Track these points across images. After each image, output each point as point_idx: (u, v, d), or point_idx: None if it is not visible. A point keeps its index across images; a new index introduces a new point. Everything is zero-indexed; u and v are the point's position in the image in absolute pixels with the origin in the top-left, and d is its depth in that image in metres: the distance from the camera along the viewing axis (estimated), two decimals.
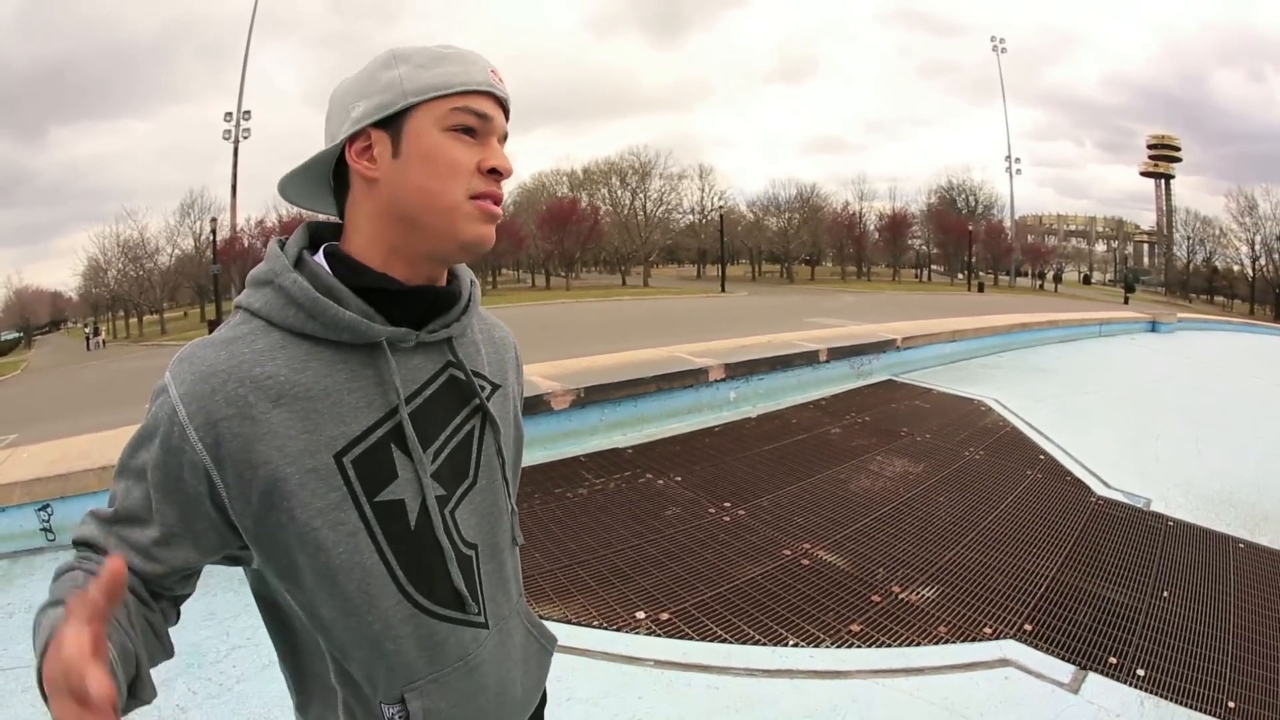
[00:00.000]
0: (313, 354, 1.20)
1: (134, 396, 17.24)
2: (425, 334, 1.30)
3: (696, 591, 4.89)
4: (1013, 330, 15.15)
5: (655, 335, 19.55)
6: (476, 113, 1.24)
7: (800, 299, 50.71)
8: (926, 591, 4.89)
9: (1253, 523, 6.21)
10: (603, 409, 8.43)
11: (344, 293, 1.22)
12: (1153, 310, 22.20)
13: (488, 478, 1.42)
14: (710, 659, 4.15)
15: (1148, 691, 3.84)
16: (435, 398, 1.33)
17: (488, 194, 1.26)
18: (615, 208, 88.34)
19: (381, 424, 1.24)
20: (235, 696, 3.77)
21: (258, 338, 1.19)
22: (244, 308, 1.24)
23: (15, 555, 5.54)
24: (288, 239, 1.32)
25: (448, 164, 1.23)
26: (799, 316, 30.07)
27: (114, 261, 73.19)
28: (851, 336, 12.50)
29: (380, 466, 1.23)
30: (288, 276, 1.21)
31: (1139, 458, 7.89)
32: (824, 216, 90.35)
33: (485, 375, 1.46)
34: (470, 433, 1.39)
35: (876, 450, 7.95)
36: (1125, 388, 11.92)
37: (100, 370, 36.43)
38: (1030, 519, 6.12)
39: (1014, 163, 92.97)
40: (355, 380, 1.23)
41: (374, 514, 1.23)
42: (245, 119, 73.14)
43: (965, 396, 10.55)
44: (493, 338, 1.54)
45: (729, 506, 6.32)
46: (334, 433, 1.19)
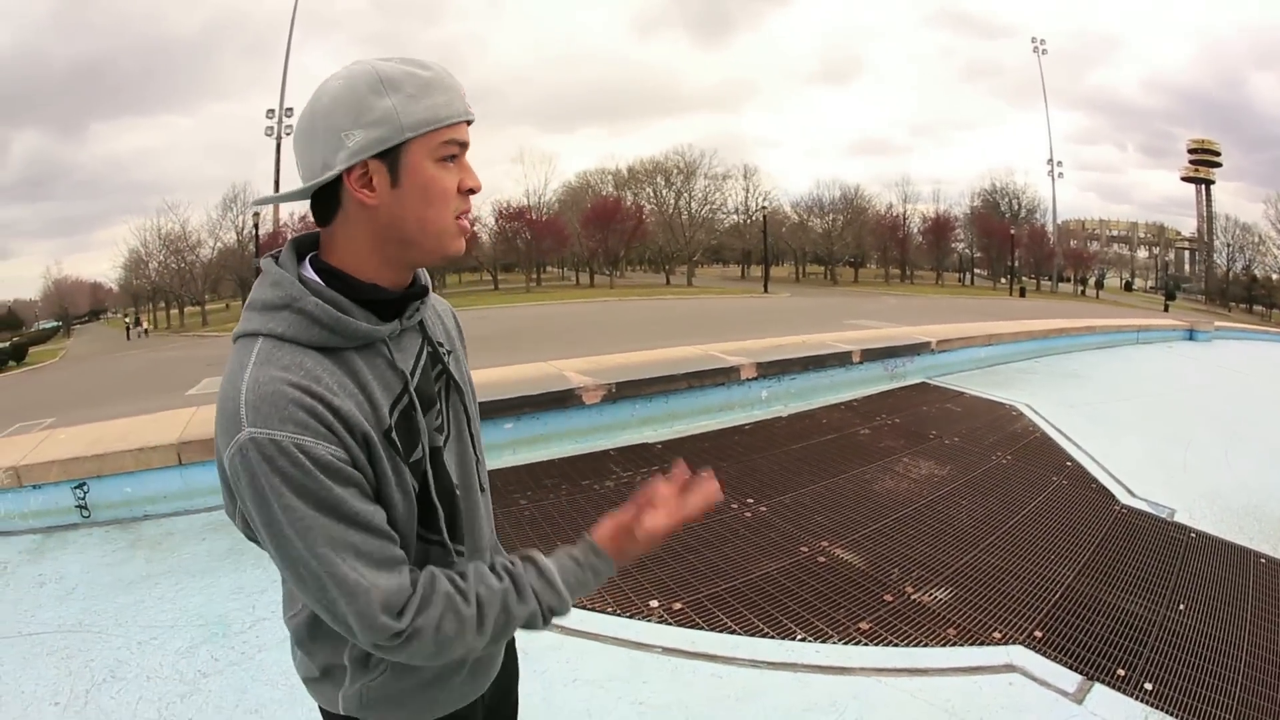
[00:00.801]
0: (340, 360, 1.42)
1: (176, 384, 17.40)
2: (405, 321, 1.54)
3: (711, 583, 4.97)
4: (1049, 335, 14.97)
5: (694, 334, 19.58)
6: (460, 142, 1.44)
7: (842, 301, 50.39)
8: (939, 593, 4.90)
9: (1278, 537, 6.09)
10: (634, 404, 8.52)
11: (349, 306, 1.43)
12: (1191, 318, 21.80)
13: (456, 428, 1.67)
14: (717, 649, 4.23)
15: (1154, 707, 3.78)
16: (424, 369, 1.59)
17: (467, 211, 1.49)
18: (660, 207, 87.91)
19: (400, 400, 1.49)
20: (256, 665, 3.95)
21: (302, 358, 1.37)
22: (266, 335, 1.40)
23: (50, 530, 5.75)
24: (279, 255, 1.51)
25: (441, 193, 1.43)
26: (839, 318, 29.96)
27: (155, 254, 74.31)
28: (886, 338, 12.45)
29: (408, 433, 1.50)
30: (308, 301, 1.39)
31: (1167, 467, 7.80)
32: (868, 218, 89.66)
33: (442, 342, 1.69)
34: (445, 393, 1.65)
35: (903, 452, 7.96)
36: (1159, 396, 11.75)
37: (142, 359, 36.89)
38: (1051, 525, 6.09)
39: (1056, 166, 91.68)
40: (374, 371, 1.46)
41: (410, 471, 1.49)
42: (288, 115, 73.32)
43: (997, 401, 10.49)
44: (437, 310, 1.76)
45: (751, 503, 6.38)
46: (379, 415, 1.43)
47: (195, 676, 3.85)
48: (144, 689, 3.76)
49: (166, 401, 12.19)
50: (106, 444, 6.18)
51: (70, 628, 4.36)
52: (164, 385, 20.45)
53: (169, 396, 16.77)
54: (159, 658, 4.04)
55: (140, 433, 6.51)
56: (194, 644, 4.15)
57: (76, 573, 5.09)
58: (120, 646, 4.15)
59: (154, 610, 4.56)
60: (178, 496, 6.17)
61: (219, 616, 4.43)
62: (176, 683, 3.81)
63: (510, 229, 78.69)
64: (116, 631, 4.31)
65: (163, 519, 6.00)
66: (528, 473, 7.14)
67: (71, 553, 5.41)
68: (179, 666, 3.95)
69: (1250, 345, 19.37)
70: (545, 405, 7.84)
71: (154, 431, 6.50)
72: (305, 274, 1.48)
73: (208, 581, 4.92)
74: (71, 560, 5.29)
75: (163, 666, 3.95)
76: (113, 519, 5.97)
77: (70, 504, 5.91)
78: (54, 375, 38.06)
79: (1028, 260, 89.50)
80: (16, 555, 5.43)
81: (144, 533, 5.76)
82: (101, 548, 5.49)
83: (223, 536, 5.60)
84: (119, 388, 23.30)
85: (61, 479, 5.89)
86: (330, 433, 1.33)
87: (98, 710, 3.61)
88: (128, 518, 6.00)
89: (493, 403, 7.35)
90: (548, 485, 6.77)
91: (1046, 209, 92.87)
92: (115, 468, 5.98)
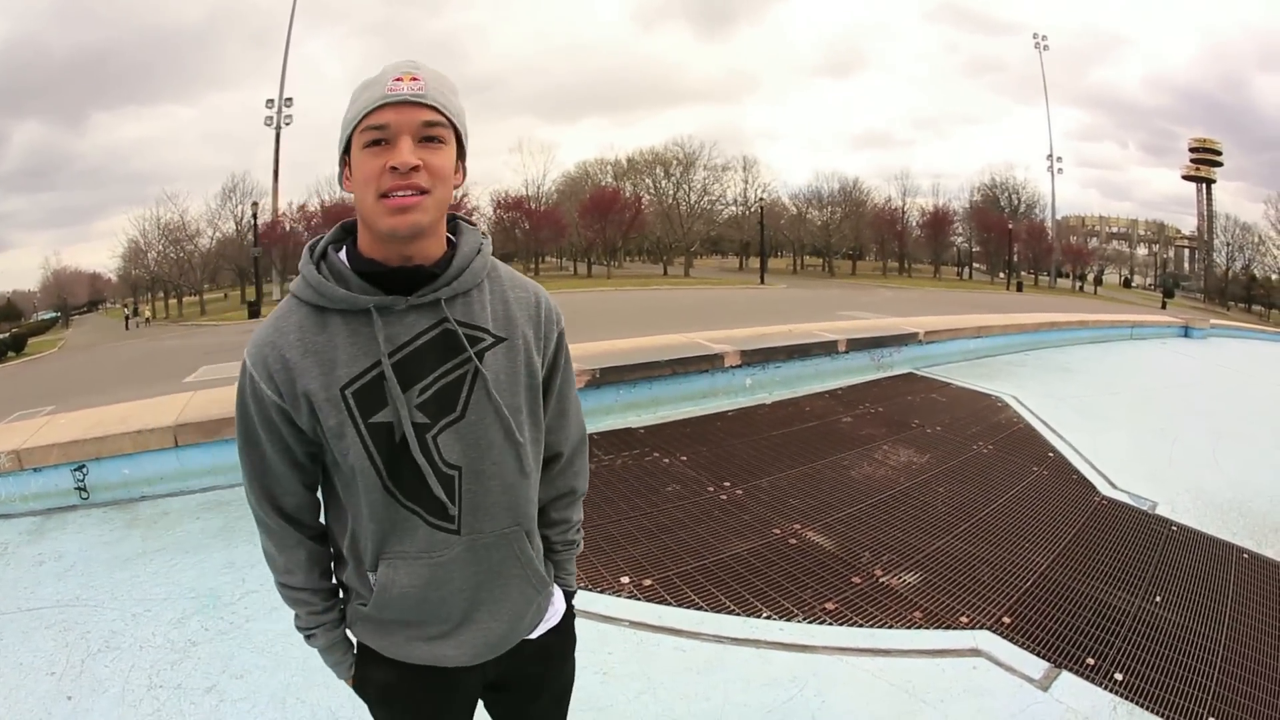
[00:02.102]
0: (326, 320, 1.69)
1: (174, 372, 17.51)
2: (415, 298, 1.70)
3: (682, 562, 4.99)
4: (1041, 329, 14.94)
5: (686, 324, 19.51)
6: (374, 126, 1.61)
7: (838, 293, 50.58)
8: (908, 577, 4.88)
9: (1261, 534, 6.05)
10: (618, 390, 8.49)
11: (347, 275, 1.70)
12: (1187, 315, 21.77)
13: (477, 413, 1.75)
14: (682, 624, 4.28)
15: (1123, 697, 3.76)
16: (425, 348, 1.70)
17: (392, 188, 1.60)
18: (658, 198, 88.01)
19: (375, 368, 1.68)
20: (243, 633, 4.07)
21: (291, 314, 1.71)
22: (290, 293, 1.76)
23: (49, 512, 5.80)
24: (321, 237, 1.82)
25: (362, 177, 1.63)
26: (832, 309, 30.10)
27: (154, 244, 74.03)
28: (874, 329, 12.41)
29: (373, 397, 1.68)
30: (307, 268, 1.73)
31: (1151, 461, 7.76)
32: (866, 211, 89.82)
33: (487, 329, 1.78)
34: (462, 376, 1.74)
35: (884, 440, 7.93)
36: (1149, 391, 11.73)
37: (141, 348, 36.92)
38: (1028, 514, 6.06)
39: (1055, 162, 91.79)
40: (355, 336, 1.68)
41: (367, 431, 1.69)
42: (287, 106, 73.62)
43: (983, 392, 10.45)
44: (508, 298, 1.85)
45: (728, 486, 6.36)
46: (340, 374, 1.67)
47: (185, 645, 3.97)
48: (137, 657, 3.88)
49: (165, 388, 12.20)
50: (105, 427, 6.21)
51: (68, 602, 4.43)
52: (162, 373, 20.55)
53: (167, 384, 16.86)
54: (152, 628, 4.13)
55: (138, 416, 6.53)
56: (185, 615, 4.25)
57: (75, 551, 5.14)
58: (115, 619, 4.24)
59: (148, 584, 4.64)
60: (174, 478, 6.22)
61: (210, 590, 4.54)
62: (168, 651, 3.92)
63: (508, 219, 78.70)
64: (112, 605, 4.39)
65: (159, 499, 6.04)
66: None
67: (70, 532, 5.46)
68: (170, 636, 4.06)
69: (1246, 344, 19.36)
70: None
71: (152, 415, 6.52)
72: (333, 252, 1.77)
73: (200, 557, 5.00)
74: (70, 540, 5.34)
75: (155, 636, 4.06)
76: (111, 500, 6.00)
77: (70, 486, 5.95)
78: (53, 365, 38.53)
79: (1026, 255, 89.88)
80: (17, 536, 5.46)
81: (141, 513, 5.80)
82: (99, 527, 5.53)
83: (216, 515, 5.68)
84: (118, 376, 23.44)
85: (61, 461, 5.93)
86: (270, 378, 1.69)
87: (92, 679, 3.72)
88: (125, 499, 6.03)
89: None
90: None
91: (1046, 205, 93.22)
92: (114, 450, 6.03)
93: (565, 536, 2.13)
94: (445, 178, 1.66)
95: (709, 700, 3.67)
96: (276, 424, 1.74)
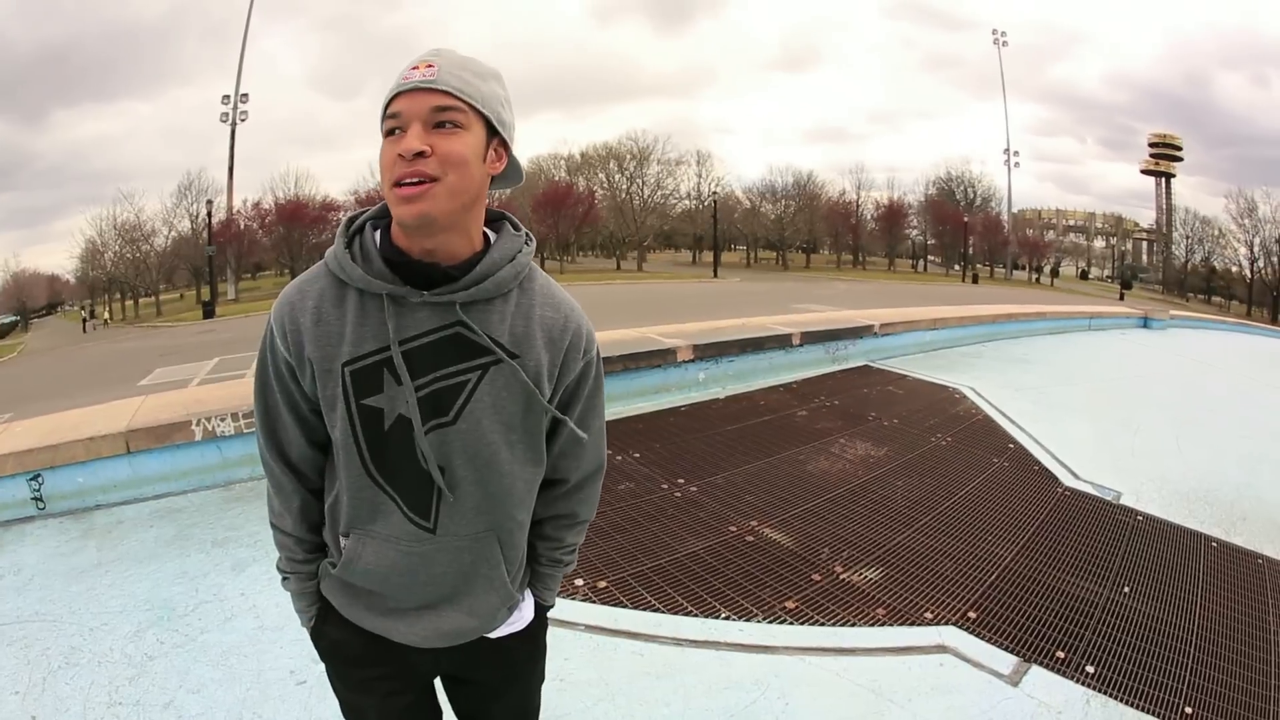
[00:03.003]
0: (346, 294, 1.69)
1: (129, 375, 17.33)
2: (430, 295, 1.65)
3: (636, 562, 4.85)
4: (998, 320, 14.94)
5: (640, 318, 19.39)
6: (389, 115, 1.60)
7: (792, 286, 50.95)
8: (869, 573, 4.76)
9: (1229, 522, 6.07)
10: None
11: (373, 256, 1.68)
12: (1146, 306, 22.00)
13: (469, 423, 1.71)
14: (639, 626, 4.17)
15: (1095, 690, 3.72)
16: (429, 347, 1.67)
17: (401, 176, 1.56)
18: (612, 192, 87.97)
19: (378, 352, 1.66)
20: (198, 646, 3.99)
21: (319, 279, 1.72)
22: (322, 257, 1.75)
23: (7, 524, 5.64)
24: (362, 213, 1.81)
25: (381, 166, 1.61)
26: (787, 302, 30.26)
27: (110, 244, 72.26)
28: (828, 321, 12.32)
29: (369, 380, 1.68)
30: (339, 242, 1.72)
31: (1114, 451, 7.73)
32: (821, 205, 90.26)
33: (501, 342, 1.71)
34: (462, 384, 1.69)
35: (840, 433, 7.81)
36: (1109, 382, 11.76)
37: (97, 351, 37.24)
38: (989, 507, 5.97)
39: (1012, 155, 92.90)
40: (367, 318, 1.67)
41: (357, 411, 1.69)
42: (243, 101, 72.73)
43: (940, 384, 10.40)
44: (532, 315, 1.77)
45: (682, 483, 6.21)
46: (344, 350, 1.67)
47: (142, 659, 3.90)
48: (96, 673, 3.81)
49: (121, 392, 12.17)
50: (60, 434, 6.05)
51: (28, 618, 4.37)
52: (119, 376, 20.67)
53: (123, 387, 17.28)
54: (109, 642, 4.05)
55: (93, 422, 6.36)
56: (141, 628, 4.18)
57: (33, 564, 5.04)
58: (74, 634, 4.16)
59: (104, 597, 4.56)
60: (127, 485, 6.07)
61: (164, 600, 4.47)
62: (125, 666, 3.86)
63: None
64: (70, 619, 4.32)
65: (113, 508, 5.89)
66: None
67: (28, 545, 5.35)
68: (127, 650, 4.00)
69: (1206, 334, 19.68)
70: None
71: (104, 421, 6.35)
72: (369, 230, 1.75)
73: (154, 567, 4.92)
74: (28, 552, 5.23)
75: (113, 651, 3.98)
76: (66, 510, 5.85)
77: (26, 496, 5.78)
78: (11, 370, 38.51)
79: (981, 248, 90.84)
80: None
81: (95, 522, 5.67)
82: (56, 539, 5.41)
83: (168, 524, 5.57)
84: (76, 380, 23.49)
85: (18, 471, 5.75)
86: (285, 335, 1.71)
87: (54, 697, 3.66)
88: (80, 508, 5.88)
89: None
90: None
91: (1002, 198, 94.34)
92: (68, 458, 5.86)
93: (554, 554, 2.07)
94: (459, 164, 1.59)
95: (669, 706, 3.56)
96: (286, 378, 1.77)
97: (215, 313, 52.64)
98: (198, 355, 23.09)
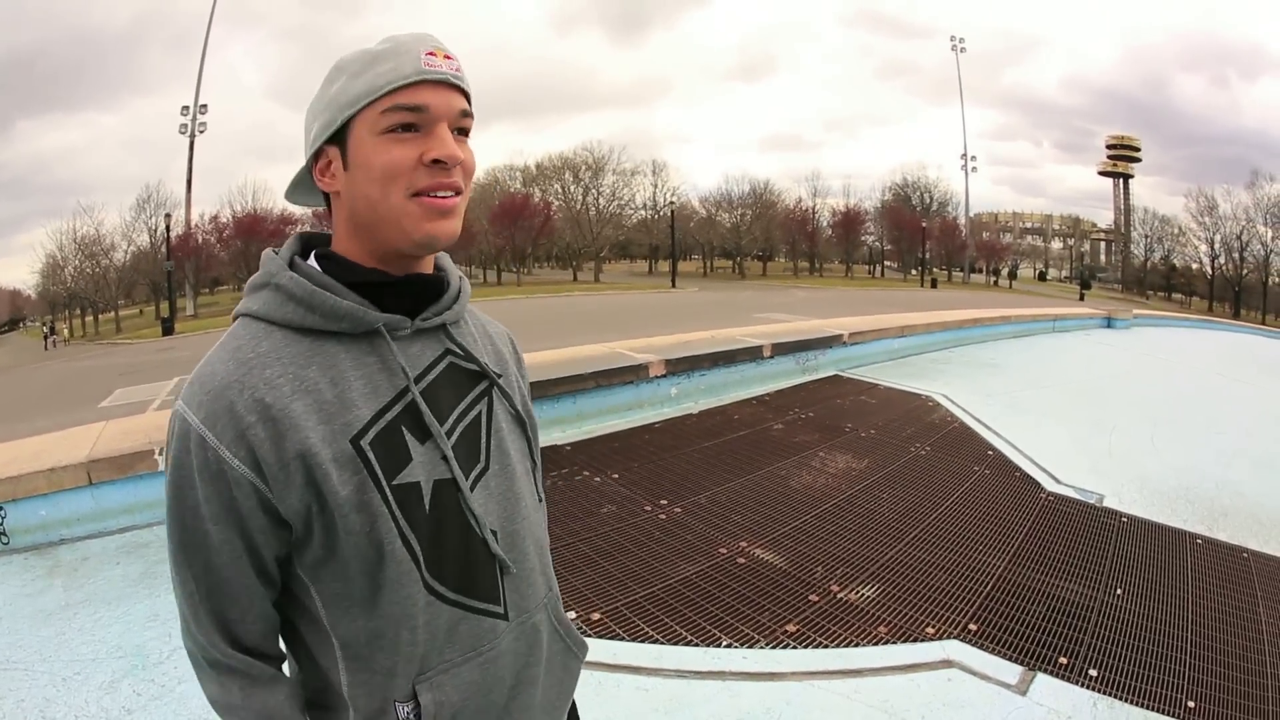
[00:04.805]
0: (316, 348, 1.24)
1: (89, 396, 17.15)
2: (420, 321, 1.34)
3: (629, 590, 4.72)
4: (964, 326, 15.11)
5: (602, 331, 19.40)
6: (408, 107, 1.23)
7: (751, 294, 50.99)
8: (866, 590, 4.71)
9: (1211, 518, 6.13)
10: (541, 405, 8.12)
11: (337, 287, 1.27)
12: (1109, 306, 22.32)
13: (500, 463, 1.41)
14: (641, 660, 4.02)
15: (1100, 692, 3.72)
16: (439, 382, 1.35)
17: (433, 187, 1.24)
18: (568, 203, 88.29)
19: (391, 407, 1.26)
20: (176, 698, 3.80)
21: (261, 340, 1.23)
22: (244, 314, 1.29)
23: None
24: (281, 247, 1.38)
25: (383, 168, 1.22)
26: (748, 312, 30.17)
27: (70, 258, 71.16)
28: (797, 332, 12.36)
29: (396, 449, 1.25)
30: (284, 275, 1.27)
31: (1092, 454, 7.78)
32: (777, 213, 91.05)
33: (487, 365, 1.45)
34: (478, 418, 1.40)
35: (819, 446, 7.77)
36: (1079, 383, 11.87)
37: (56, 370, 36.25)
38: (977, 516, 5.96)
39: (969, 160, 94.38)
40: (360, 368, 1.26)
41: (394, 497, 1.23)
42: (202, 113, 72.51)
43: (913, 392, 10.42)
44: (487, 331, 1.56)
45: (665, 504, 6.11)
46: (348, 419, 1.22)
47: (120, 713, 3.69)
48: None
49: (83, 415, 11.86)
50: (20, 465, 5.83)
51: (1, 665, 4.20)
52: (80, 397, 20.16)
53: (85, 409, 16.63)
54: (84, 694, 3.87)
55: (52, 451, 6.15)
56: (116, 678, 3.99)
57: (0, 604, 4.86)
58: (47, 684, 3.98)
59: (76, 643, 4.38)
60: (90, 518, 5.86)
61: (137, 647, 4.27)
62: None
63: None
64: (42, 668, 4.14)
65: (77, 542, 5.69)
66: None
67: None
68: (104, 703, 3.80)
69: (1170, 331, 20.07)
70: None
71: (64, 451, 6.14)
72: (302, 261, 1.34)
73: (124, 610, 4.72)
74: None
75: (89, 704, 3.79)
76: (30, 545, 5.66)
77: None
78: None
79: (939, 252, 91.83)
80: None
81: (61, 558, 5.47)
82: (21, 577, 5.21)
83: (135, 560, 5.36)
84: (37, 402, 22.75)
85: None
86: (241, 438, 1.16)
87: None
88: (44, 542, 5.69)
89: None
90: None
91: (958, 202, 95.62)
92: (29, 490, 5.65)
93: None
94: (470, 178, 1.32)
95: None
96: (243, 512, 1.19)
97: (174, 329, 51.70)
98: (157, 375, 22.59)
